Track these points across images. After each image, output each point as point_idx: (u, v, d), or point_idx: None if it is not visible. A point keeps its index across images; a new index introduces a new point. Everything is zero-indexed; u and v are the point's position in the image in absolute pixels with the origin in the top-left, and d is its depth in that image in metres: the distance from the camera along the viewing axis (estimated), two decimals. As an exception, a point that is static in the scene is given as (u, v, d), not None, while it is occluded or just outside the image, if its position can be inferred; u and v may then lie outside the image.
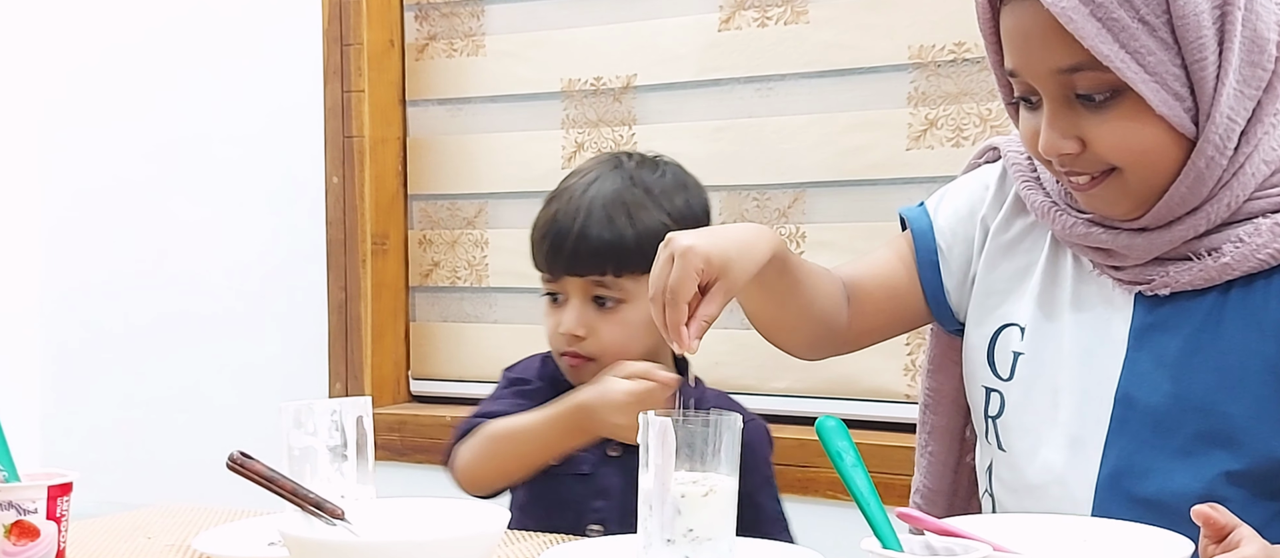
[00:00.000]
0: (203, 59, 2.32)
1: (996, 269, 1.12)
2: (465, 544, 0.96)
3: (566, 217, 1.29)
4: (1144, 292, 1.02)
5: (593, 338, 1.29)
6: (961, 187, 1.18)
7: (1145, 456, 1.01)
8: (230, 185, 2.30)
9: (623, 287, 1.28)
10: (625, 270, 1.28)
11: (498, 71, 2.10)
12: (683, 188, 1.33)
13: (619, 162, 1.33)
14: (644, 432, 0.96)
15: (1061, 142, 0.98)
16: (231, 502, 1.28)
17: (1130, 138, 0.96)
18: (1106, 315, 1.04)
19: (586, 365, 1.30)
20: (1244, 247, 0.98)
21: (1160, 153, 0.97)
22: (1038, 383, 1.06)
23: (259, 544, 1.09)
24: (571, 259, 1.28)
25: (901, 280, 1.16)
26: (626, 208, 1.28)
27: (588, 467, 1.30)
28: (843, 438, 0.86)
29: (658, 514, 0.94)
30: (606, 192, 1.29)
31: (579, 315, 1.29)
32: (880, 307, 1.17)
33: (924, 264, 1.16)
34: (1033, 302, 1.08)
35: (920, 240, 1.16)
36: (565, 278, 1.30)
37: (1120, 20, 0.92)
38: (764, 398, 1.90)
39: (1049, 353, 1.06)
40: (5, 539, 1.05)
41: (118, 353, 2.40)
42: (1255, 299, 0.98)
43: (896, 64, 1.80)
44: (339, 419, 1.08)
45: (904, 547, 0.81)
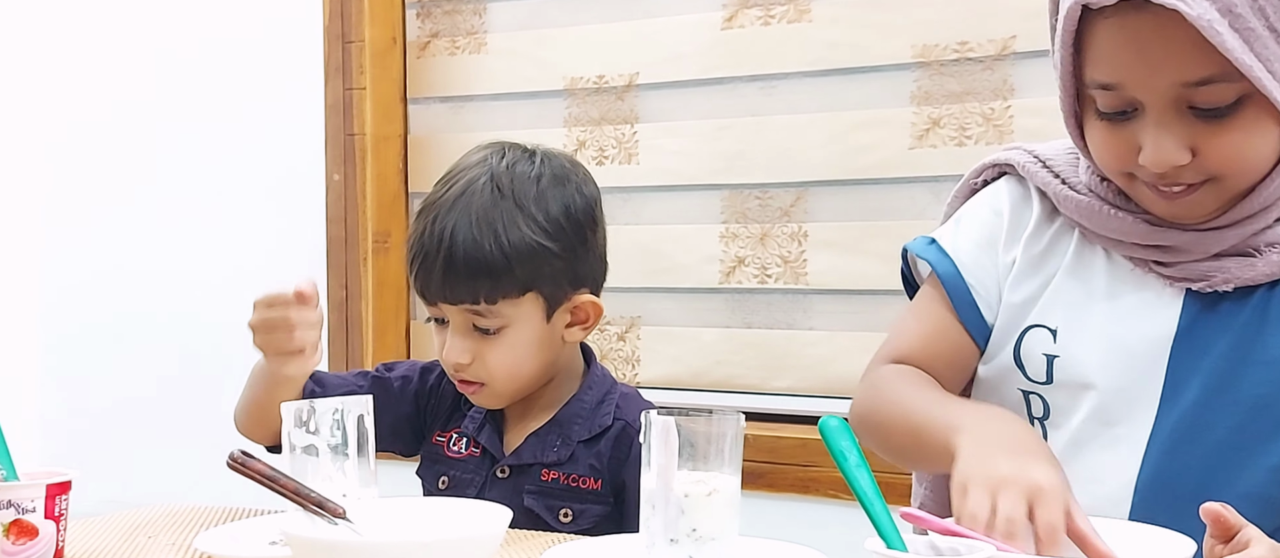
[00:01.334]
0: (204, 56, 2.32)
1: (1024, 285, 1.09)
2: (468, 544, 0.95)
3: (431, 240, 1.18)
4: (1197, 289, 1.01)
5: (478, 363, 1.21)
6: (972, 216, 1.14)
7: (1187, 453, 1.00)
8: (232, 183, 2.29)
9: (499, 313, 1.19)
10: (499, 296, 1.18)
11: (500, 69, 2.10)
12: (560, 184, 1.21)
13: (489, 165, 1.21)
14: (646, 431, 0.95)
15: (1177, 153, 0.95)
16: (232, 501, 1.27)
17: (1247, 148, 0.95)
18: (1151, 312, 1.03)
19: (479, 390, 1.23)
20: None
21: (1267, 159, 0.96)
22: (1076, 385, 1.05)
23: (261, 544, 1.08)
24: (441, 286, 1.19)
25: (954, 339, 1.12)
26: (494, 228, 1.17)
27: (474, 489, 1.25)
28: (846, 438, 0.86)
29: (661, 514, 0.94)
30: (472, 209, 1.18)
31: (460, 343, 1.20)
32: (947, 373, 1.12)
33: (963, 309, 1.11)
34: (1062, 303, 1.06)
35: (952, 286, 1.11)
36: (441, 305, 1.21)
37: (1255, 30, 0.91)
38: (766, 397, 1.90)
39: (1085, 353, 1.05)
40: (4, 538, 1.05)
41: (118, 351, 2.40)
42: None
43: (900, 63, 1.80)
44: (340, 418, 1.07)
45: (908, 547, 0.81)
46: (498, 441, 1.27)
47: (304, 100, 2.20)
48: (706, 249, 1.94)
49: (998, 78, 1.74)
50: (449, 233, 1.18)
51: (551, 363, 1.25)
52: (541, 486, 1.23)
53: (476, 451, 1.27)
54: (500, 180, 1.20)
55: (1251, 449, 0.98)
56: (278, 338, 1.15)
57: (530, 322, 1.21)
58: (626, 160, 2.00)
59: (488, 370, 1.22)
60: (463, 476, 1.27)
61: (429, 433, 1.32)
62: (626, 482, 1.22)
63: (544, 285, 1.21)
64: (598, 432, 1.24)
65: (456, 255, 1.18)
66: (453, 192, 1.21)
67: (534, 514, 1.22)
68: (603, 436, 1.24)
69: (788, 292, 1.89)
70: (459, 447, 1.28)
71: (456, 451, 1.28)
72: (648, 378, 1.98)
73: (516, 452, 1.25)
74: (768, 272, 1.90)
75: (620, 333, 2.03)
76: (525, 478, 1.24)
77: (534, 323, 1.21)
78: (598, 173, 2.05)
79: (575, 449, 1.23)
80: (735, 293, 1.93)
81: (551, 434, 1.24)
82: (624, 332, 2.02)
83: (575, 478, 1.22)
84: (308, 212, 2.20)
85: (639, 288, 2.00)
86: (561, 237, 1.21)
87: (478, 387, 1.24)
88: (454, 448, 1.28)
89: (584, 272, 1.24)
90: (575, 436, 1.24)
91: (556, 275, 1.21)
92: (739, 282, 1.93)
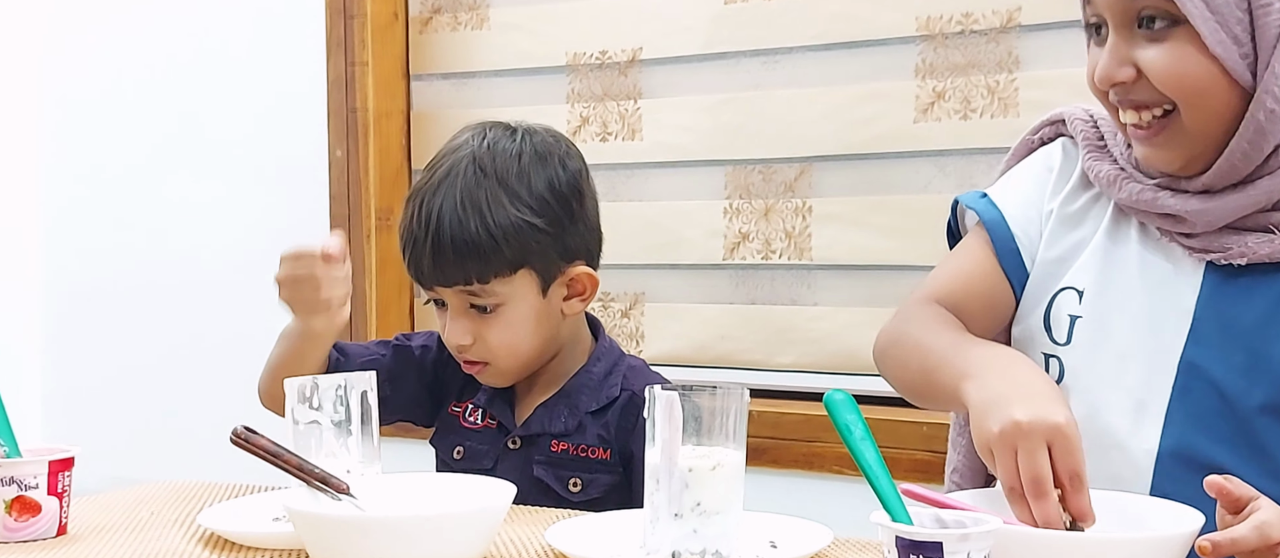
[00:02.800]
0: (206, 31, 2.31)
1: (1058, 243, 1.10)
2: (471, 519, 0.95)
3: (419, 225, 1.19)
4: (1216, 261, 1.01)
5: (479, 343, 1.21)
6: (1025, 172, 1.16)
7: (1209, 424, 1.00)
8: (234, 159, 2.29)
9: (493, 291, 1.20)
10: (491, 275, 1.19)
11: (502, 45, 2.09)
12: (543, 162, 1.21)
13: (471, 146, 1.22)
14: (651, 406, 0.95)
15: (1117, 69, 0.98)
16: (236, 477, 1.27)
17: (1183, 70, 0.95)
18: (1174, 283, 1.03)
19: (484, 369, 1.24)
20: None
21: (1214, 95, 0.96)
22: (1098, 348, 1.05)
23: (264, 520, 1.08)
24: (433, 271, 1.20)
25: (992, 283, 1.13)
26: (479, 209, 1.18)
27: (489, 461, 1.25)
28: (851, 411, 0.85)
29: (665, 488, 0.94)
30: (456, 191, 1.18)
31: (460, 324, 1.21)
32: (981, 316, 1.12)
33: (1005, 256, 1.12)
34: (1093, 266, 1.07)
35: (997, 233, 1.12)
36: (436, 288, 1.22)
37: None
38: (770, 373, 1.89)
39: (1111, 317, 1.05)
40: (7, 515, 1.05)
41: (120, 328, 2.40)
42: None
43: (904, 36, 1.79)
44: (343, 394, 1.07)
45: (913, 520, 0.80)
46: (509, 412, 1.28)
47: (306, 76, 2.19)
48: (710, 225, 1.94)
49: (1002, 50, 1.73)
50: (435, 217, 1.19)
51: (553, 337, 1.26)
52: (551, 456, 1.23)
53: (491, 422, 1.28)
54: (482, 161, 1.20)
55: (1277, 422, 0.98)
56: (304, 292, 1.16)
57: (526, 298, 1.22)
58: (630, 136, 2.00)
59: (489, 349, 1.22)
60: (477, 446, 1.27)
61: (444, 402, 1.33)
62: (635, 452, 1.22)
63: (535, 261, 1.21)
64: (605, 403, 1.24)
65: (443, 238, 1.18)
66: (436, 176, 1.21)
67: (544, 484, 1.22)
68: (611, 406, 1.24)
69: (791, 267, 1.89)
70: (474, 418, 1.29)
71: (472, 421, 1.29)
72: (651, 354, 1.98)
73: (526, 423, 1.26)
74: (771, 247, 1.90)
75: (624, 309, 2.03)
76: (535, 449, 1.25)
77: (530, 299, 1.22)
78: (601, 149, 2.05)
79: (583, 419, 1.24)
80: (739, 268, 1.93)
81: (559, 405, 1.25)
82: (628, 308, 2.02)
83: (584, 448, 1.23)
84: (310, 188, 2.20)
85: (642, 264, 2.00)
86: (547, 211, 1.21)
87: (482, 366, 1.24)
88: (469, 419, 1.29)
89: (575, 244, 1.24)
90: (583, 406, 1.24)
91: (546, 251, 1.21)
92: (743, 257, 1.92)
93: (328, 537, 0.93)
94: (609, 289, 2.03)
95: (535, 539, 1.03)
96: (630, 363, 1.29)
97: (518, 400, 1.29)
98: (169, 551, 1.03)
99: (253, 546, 1.03)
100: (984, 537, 0.77)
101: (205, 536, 1.07)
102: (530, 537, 1.04)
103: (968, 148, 1.75)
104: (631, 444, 1.22)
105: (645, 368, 1.30)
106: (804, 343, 1.88)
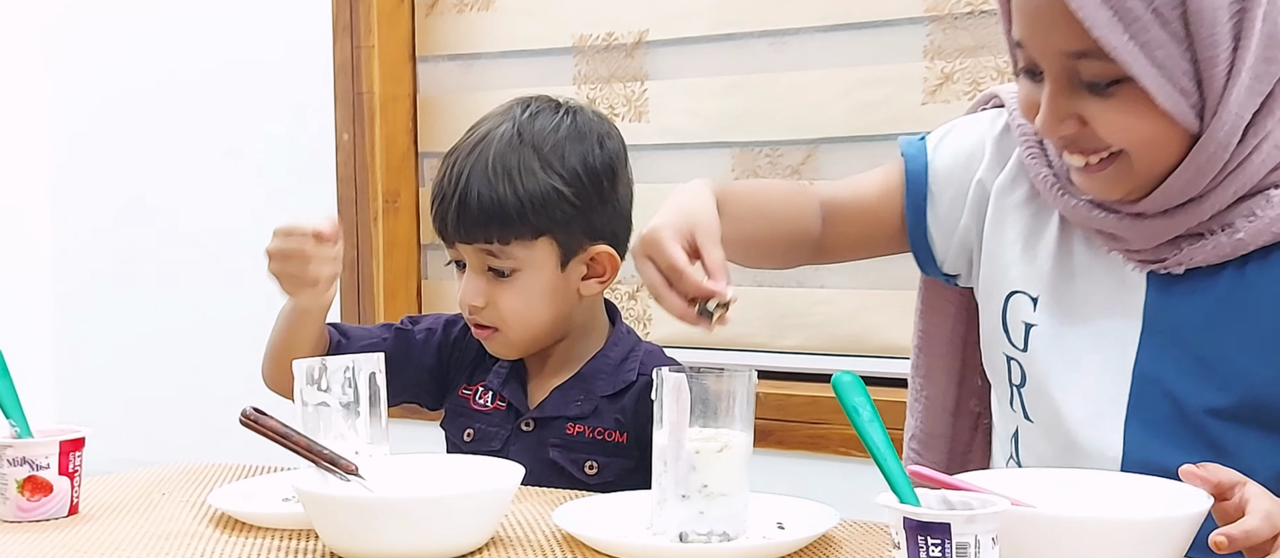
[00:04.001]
0: (212, 14, 2.30)
1: (1004, 233, 1.10)
2: (479, 500, 0.96)
3: (449, 182, 1.22)
4: (1156, 270, 1.00)
5: (491, 307, 1.23)
6: (965, 130, 1.15)
7: (1167, 430, 1.00)
8: (241, 143, 2.29)
9: (512, 255, 1.21)
10: (512, 237, 1.20)
11: (508, 27, 2.08)
12: (580, 139, 1.23)
13: (513, 115, 1.24)
14: (658, 388, 0.95)
15: (1059, 124, 0.96)
16: (245, 458, 1.28)
17: (1132, 127, 0.94)
18: (1120, 292, 1.03)
19: (493, 336, 1.25)
20: (1258, 220, 0.96)
21: (1163, 142, 0.95)
22: (1054, 357, 1.05)
23: (273, 500, 1.09)
24: (456, 227, 1.22)
25: (883, 210, 1.16)
26: (509, 172, 1.20)
27: (499, 442, 1.26)
28: (859, 393, 0.86)
29: (673, 470, 0.94)
30: (490, 154, 1.21)
31: (475, 284, 1.23)
32: (855, 230, 1.17)
33: (912, 203, 1.14)
34: (1045, 272, 1.07)
35: (913, 181, 1.14)
36: (458, 245, 1.24)
37: (1133, 10, 0.89)
38: (776, 355, 1.90)
39: (1064, 328, 1.05)
40: (19, 494, 1.06)
41: (130, 310, 2.41)
42: (1274, 271, 0.97)
43: (912, 17, 1.78)
44: (352, 376, 1.07)
45: (921, 501, 0.81)
46: (522, 395, 1.28)
47: (312, 59, 2.19)
48: (717, 207, 1.93)
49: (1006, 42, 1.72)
50: (466, 175, 1.21)
51: (566, 315, 1.26)
52: (567, 439, 1.24)
53: (501, 404, 1.28)
54: (522, 127, 1.23)
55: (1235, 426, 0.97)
56: (292, 267, 1.18)
57: (544, 268, 1.23)
58: (636, 118, 1.99)
59: (500, 315, 1.23)
60: (487, 428, 1.28)
61: (453, 386, 1.33)
62: None
63: (557, 232, 1.22)
64: (622, 387, 1.25)
65: (470, 196, 1.20)
66: (474, 137, 1.24)
67: (558, 467, 1.23)
68: (627, 391, 1.25)
69: (798, 250, 1.89)
70: (485, 401, 1.29)
71: (482, 404, 1.29)
72: (658, 337, 1.98)
73: (541, 406, 1.26)
74: (778, 230, 1.90)
75: (631, 292, 2.03)
76: (549, 432, 1.25)
77: (547, 270, 1.23)
78: (607, 131, 2.04)
79: (599, 404, 1.24)
80: (746, 251, 1.93)
81: (575, 389, 1.25)
82: (635, 290, 2.02)
83: (601, 431, 1.24)
84: (317, 172, 2.20)
85: (649, 246, 1.99)
86: (577, 185, 1.22)
87: (491, 332, 1.25)
88: (480, 401, 1.30)
89: (602, 224, 1.25)
90: (599, 391, 1.25)
91: (570, 224, 1.22)
92: (749, 240, 1.92)
93: (337, 518, 0.94)
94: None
95: (543, 521, 1.03)
96: (647, 348, 1.29)
97: (531, 382, 1.29)
98: (179, 531, 1.03)
99: (263, 526, 1.04)
100: (992, 518, 0.77)
101: (215, 516, 1.08)
102: (538, 518, 1.04)
103: (973, 127, 1.75)
104: (650, 429, 1.22)
105: (661, 353, 1.30)
106: (811, 325, 1.88)
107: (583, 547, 0.95)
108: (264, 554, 0.96)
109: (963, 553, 0.76)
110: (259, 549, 0.98)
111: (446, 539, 0.93)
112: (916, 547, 0.77)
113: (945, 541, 0.76)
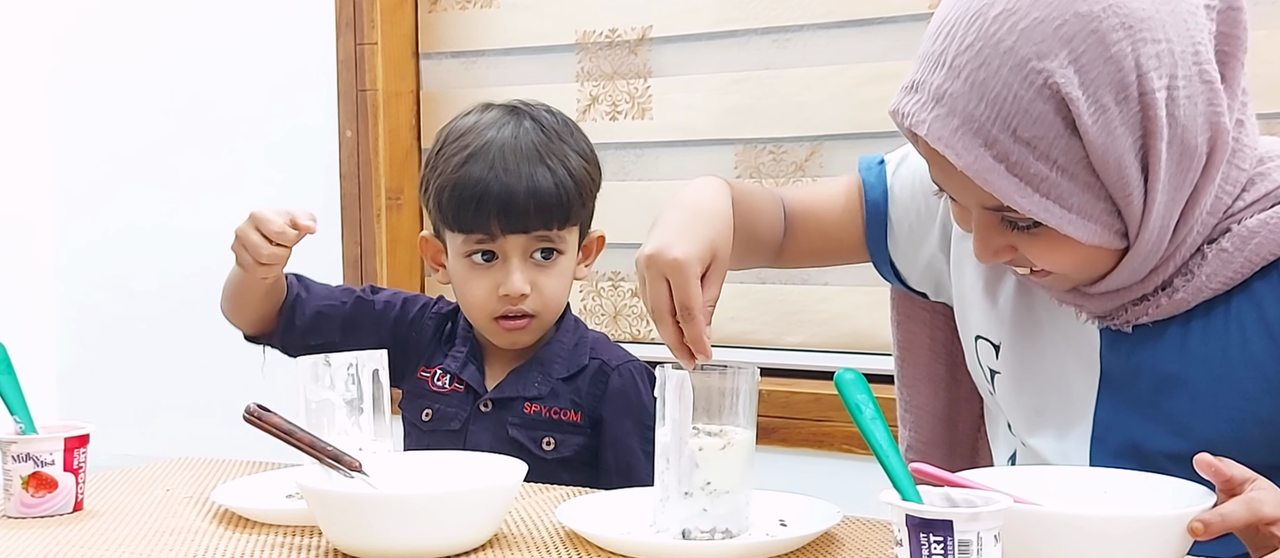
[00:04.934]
0: (215, 12, 2.31)
1: (964, 276, 1.11)
2: (482, 497, 0.96)
3: (493, 177, 1.22)
4: (1109, 326, 1.01)
5: (536, 294, 1.26)
6: None
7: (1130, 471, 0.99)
8: (243, 140, 2.29)
9: (563, 240, 1.27)
10: (564, 223, 1.25)
11: (511, 23, 2.08)
12: (571, 129, 1.30)
13: (517, 112, 1.27)
14: (661, 386, 0.95)
15: (993, 255, 0.97)
16: (249, 454, 1.28)
17: (1062, 256, 0.95)
18: (1078, 342, 1.03)
19: (528, 324, 1.27)
20: (1194, 279, 0.96)
21: (1093, 260, 0.96)
22: (1018, 404, 1.07)
23: (277, 497, 1.09)
24: (516, 217, 1.23)
25: (845, 227, 1.16)
26: (555, 159, 1.24)
27: (458, 423, 1.30)
28: (862, 391, 0.85)
29: (675, 468, 0.94)
30: (524, 145, 1.24)
31: (525, 273, 1.25)
32: (819, 242, 1.18)
33: (872, 229, 1.15)
34: (1005, 318, 1.07)
35: (871, 208, 1.15)
36: (506, 237, 1.24)
37: (1039, 173, 0.90)
38: (779, 353, 1.90)
39: (1026, 377, 1.06)
40: (23, 490, 1.06)
41: (134, 307, 2.41)
42: (1215, 325, 0.97)
43: (915, 13, 1.78)
44: (355, 373, 1.08)
45: (923, 498, 0.81)
46: (480, 377, 1.32)
47: (315, 56, 2.19)
48: (720, 204, 1.93)
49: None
50: (514, 169, 1.23)
51: None
52: (525, 418, 1.29)
53: (460, 386, 1.32)
54: (539, 119, 1.28)
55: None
56: (246, 251, 1.22)
57: (572, 253, 1.30)
58: (639, 115, 1.99)
59: (543, 300, 1.27)
60: (446, 409, 1.31)
61: (407, 366, 1.35)
62: (604, 416, 1.29)
63: (584, 216, 1.30)
64: (576, 370, 1.30)
65: (525, 188, 1.22)
66: (495, 135, 1.25)
67: (518, 444, 1.28)
68: (581, 373, 1.30)
69: (801, 247, 1.89)
70: (443, 382, 1.33)
71: (440, 386, 1.33)
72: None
73: (499, 387, 1.30)
74: (781, 227, 1.90)
75: (635, 289, 2.03)
76: (508, 412, 1.29)
77: (573, 255, 1.30)
78: (610, 128, 2.05)
79: (555, 385, 1.29)
80: (749, 248, 1.93)
81: (532, 371, 1.30)
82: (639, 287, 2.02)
83: (557, 411, 1.29)
84: (320, 168, 2.20)
85: (652, 243, 1.99)
86: (596, 171, 1.30)
87: (527, 321, 1.28)
88: (438, 383, 1.33)
89: (593, 209, 1.32)
90: (555, 373, 1.30)
91: (589, 207, 1.30)
92: (752, 237, 1.92)
93: (341, 514, 0.94)
94: (619, 269, 2.04)
95: (546, 518, 1.03)
96: (595, 335, 1.35)
97: (488, 366, 1.33)
98: (184, 527, 1.04)
99: (266, 522, 1.04)
100: (994, 516, 0.77)
101: (219, 512, 1.08)
102: (541, 515, 1.05)
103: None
104: (601, 409, 1.29)
105: (608, 340, 1.35)
106: (814, 323, 1.88)
107: (586, 544, 0.95)
108: (268, 551, 0.96)
109: (965, 550, 0.76)
110: (263, 546, 0.98)
111: (450, 536, 0.93)
112: (918, 544, 0.77)
113: (947, 538, 0.76)
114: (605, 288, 2.05)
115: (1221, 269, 0.96)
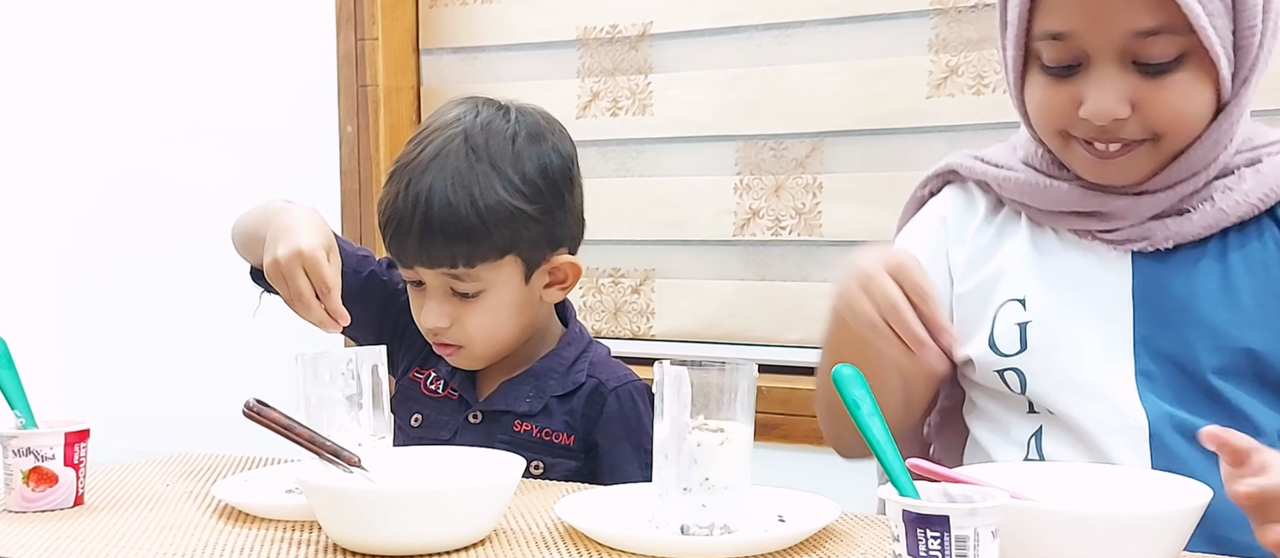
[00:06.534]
0: (216, 8, 2.31)
1: (977, 272, 1.12)
2: (482, 493, 0.96)
3: (406, 204, 1.16)
4: (1142, 249, 1.03)
5: (457, 327, 1.19)
6: (920, 226, 1.18)
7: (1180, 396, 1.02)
8: (244, 135, 2.29)
9: (478, 276, 1.17)
10: (477, 260, 1.16)
11: (512, 19, 2.08)
12: (536, 142, 1.19)
13: (463, 123, 1.18)
14: (659, 382, 0.95)
15: (1117, 105, 0.98)
16: (249, 450, 1.28)
17: (1185, 105, 0.98)
18: (1107, 277, 1.05)
19: (458, 352, 1.22)
20: (1232, 193, 1.01)
21: (1198, 122, 0.99)
22: (1055, 348, 1.07)
23: (277, 492, 1.09)
24: (417, 252, 1.17)
25: None
26: (469, 191, 1.15)
27: (447, 432, 1.24)
28: (860, 387, 0.86)
29: (674, 463, 0.94)
30: (447, 171, 1.15)
31: (438, 307, 1.19)
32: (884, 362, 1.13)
33: None
34: (1028, 275, 1.09)
35: None
36: (418, 268, 1.19)
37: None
38: (779, 349, 1.90)
39: (1058, 317, 1.07)
40: (24, 485, 1.06)
41: (134, 302, 2.42)
42: (1252, 243, 1.02)
43: (917, 10, 1.78)
44: (354, 368, 1.08)
45: (921, 494, 0.81)
46: (471, 386, 1.27)
47: (316, 51, 2.19)
48: (720, 201, 1.94)
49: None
50: (425, 197, 1.16)
51: (531, 323, 1.24)
52: (514, 436, 1.22)
53: (452, 394, 1.27)
54: (475, 140, 1.17)
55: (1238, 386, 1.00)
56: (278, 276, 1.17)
57: (509, 285, 1.20)
58: (640, 111, 1.99)
59: (466, 334, 1.21)
60: (437, 417, 1.26)
61: (401, 358, 1.31)
62: (598, 441, 1.22)
63: (522, 248, 1.19)
64: (572, 388, 1.23)
65: (433, 220, 1.15)
66: (427, 152, 1.18)
67: None
68: (576, 393, 1.23)
69: (802, 243, 1.89)
70: (435, 386, 1.28)
71: (433, 390, 1.28)
72: (662, 331, 1.99)
73: (489, 398, 1.25)
74: (782, 224, 1.90)
75: (634, 286, 2.03)
76: (497, 426, 1.24)
77: (513, 286, 1.20)
78: (611, 124, 2.04)
79: (548, 403, 1.23)
80: (749, 245, 1.93)
81: (525, 385, 1.24)
82: (638, 284, 2.02)
83: (548, 432, 1.22)
84: (321, 164, 2.20)
85: (653, 240, 2.00)
86: (539, 199, 1.18)
87: (455, 349, 1.23)
88: (430, 387, 1.28)
89: (562, 232, 1.22)
90: (549, 390, 1.23)
91: (535, 238, 1.19)
92: (753, 234, 1.92)
93: (340, 509, 0.94)
94: (619, 265, 2.04)
95: (545, 513, 1.03)
96: (597, 352, 1.27)
97: (481, 375, 1.27)
98: (184, 522, 1.04)
99: (266, 517, 1.04)
100: (991, 511, 0.78)
101: (219, 507, 1.08)
102: (539, 510, 1.05)
103: (981, 123, 1.75)
104: (595, 434, 1.22)
105: (611, 358, 1.28)
106: (813, 320, 1.88)
107: (584, 540, 0.95)
108: (267, 546, 0.97)
109: (962, 546, 0.76)
110: (262, 541, 0.98)
111: (449, 531, 0.93)
112: (915, 540, 0.77)
113: (944, 533, 0.76)
114: (606, 284, 2.05)
115: (1257, 187, 1.00)
